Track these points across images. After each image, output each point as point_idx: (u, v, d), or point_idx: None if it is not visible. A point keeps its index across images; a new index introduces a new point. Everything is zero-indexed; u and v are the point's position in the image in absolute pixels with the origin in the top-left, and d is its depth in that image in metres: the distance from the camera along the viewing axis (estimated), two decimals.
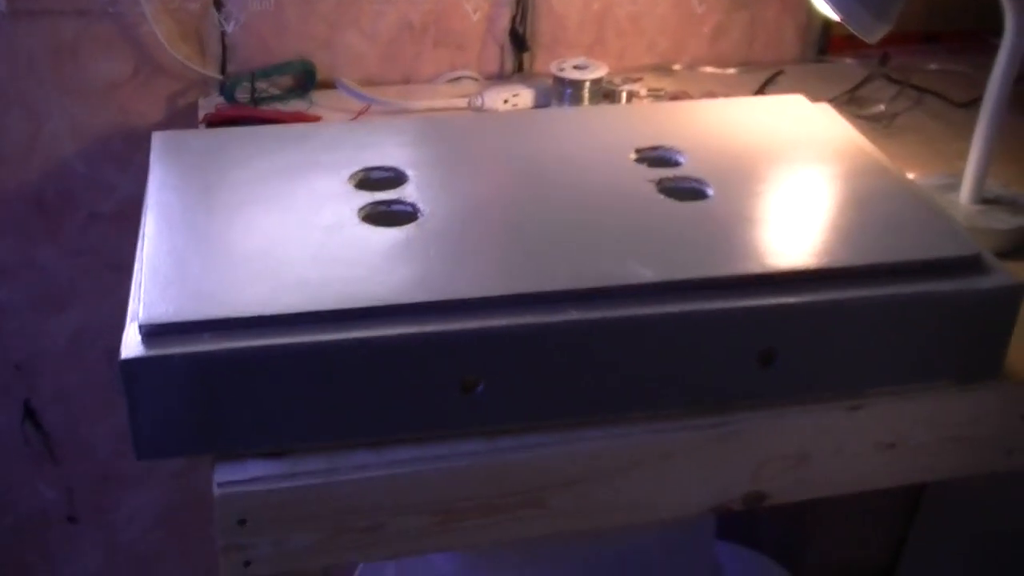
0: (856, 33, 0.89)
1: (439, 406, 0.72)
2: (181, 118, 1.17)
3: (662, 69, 1.28)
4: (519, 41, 1.23)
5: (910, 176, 0.98)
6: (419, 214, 0.80)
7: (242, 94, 1.15)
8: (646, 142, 0.90)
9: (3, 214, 1.19)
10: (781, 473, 0.78)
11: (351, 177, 0.84)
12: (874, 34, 0.89)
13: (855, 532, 1.66)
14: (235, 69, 1.17)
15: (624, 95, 1.16)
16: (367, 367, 0.69)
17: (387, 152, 0.88)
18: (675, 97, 1.16)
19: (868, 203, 0.82)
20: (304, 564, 0.74)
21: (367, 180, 0.85)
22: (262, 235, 0.77)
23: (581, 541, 1.07)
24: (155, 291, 0.70)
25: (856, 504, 1.57)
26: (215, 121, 1.09)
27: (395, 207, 0.81)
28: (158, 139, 0.90)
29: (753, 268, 0.74)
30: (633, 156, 0.88)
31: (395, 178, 0.85)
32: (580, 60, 1.16)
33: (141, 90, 1.16)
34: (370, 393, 0.70)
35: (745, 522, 1.54)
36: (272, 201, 0.81)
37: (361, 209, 0.80)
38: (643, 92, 1.17)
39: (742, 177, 0.85)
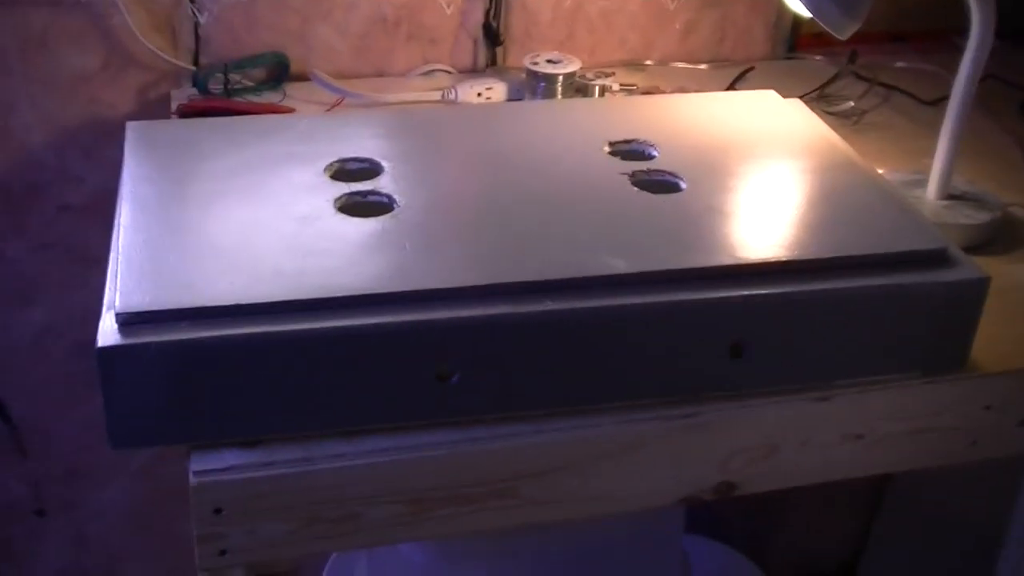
0: (827, 29, 0.90)
1: (414, 396, 0.72)
2: (153, 110, 1.16)
3: (633, 65, 1.29)
4: (492, 35, 1.24)
5: (879, 172, 0.99)
6: (394, 205, 0.80)
7: (215, 86, 1.15)
8: (619, 135, 0.91)
9: None
10: (750, 464, 0.79)
11: (326, 168, 0.84)
12: (845, 30, 0.90)
13: (820, 524, 1.68)
14: (208, 61, 1.17)
15: (597, 89, 1.17)
16: (342, 357, 0.70)
17: (362, 144, 0.89)
18: (648, 92, 1.17)
19: (838, 197, 0.84)
20: (279, 553, 0.74)
21: (342, 171, 0.85)
22: (238, 226, 0.77)
23: (549, 534, 1.08)
24: (131, 280, 0.70)
25: (821, 496, 1.59)
26: (188, 112, 1.08)
27: (371, 198, 0.81)
28: (132, 129, 0.90)
29: (724, 260, 0.75)
30: (607, 149, 0.89)
31: (370, 169, 0.85)
32: (553, 55, 1.16)
33: (112, 81, 1.15)
34: (345, 383, 0.71)
35: (712, 515, 1.55)
36: (247, 192, 0.81)
37: (337, 200, 0.80)
38: (615, 87, 1.18)
39: (714, 171, 0.86)
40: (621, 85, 1.20)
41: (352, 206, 0.80)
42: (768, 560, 1.58)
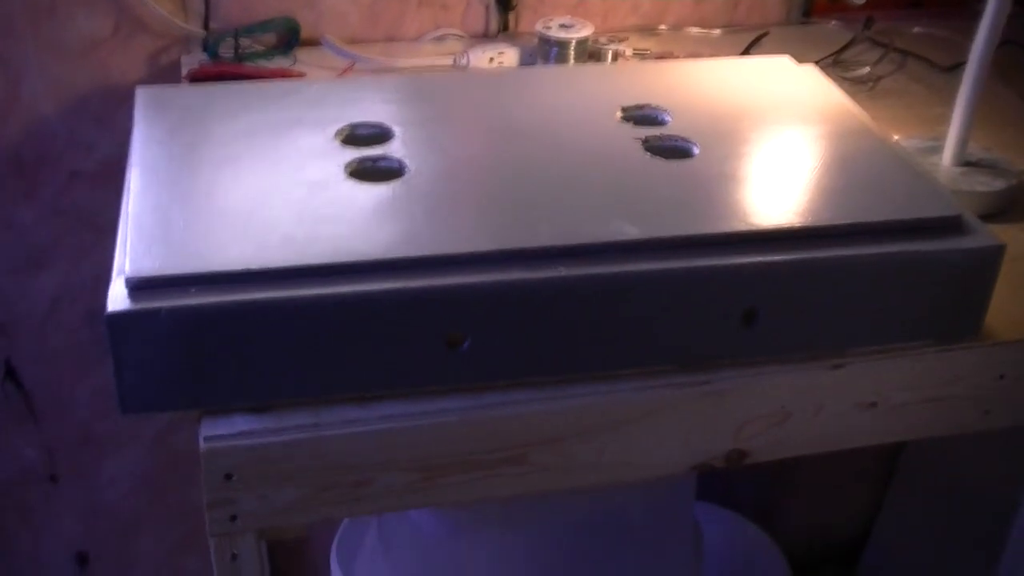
0: None
1: (425, 362, 0.72)
2: (163, 76, 1.16)
3: (646, 30, 1.28)
4: (504, 0, 1.23)
5: (894, 138, 0.98)
6: (405, 170, 0.80)
7: (225, 51, 1.14)
8: (632, 101, 0.90)
9: None
10: (763, 432, 0.79)
11: (337, 133, 0.84)
12: None
13: (831, 494, 1.68)
14: (218, 26, 1.16)
15: (610, 55, 1.16)
16: (353, 323, 0.70)
17: (373, 109, 0.88)
18: (661, 57, 1.16)
19: (851, 164, 0.83)
20: (290, 519, 0.74)
21: (353, 136, 0.85)
22: (248, 191, 0.77)
23: (559, 502, 1.08)
24: (141, 246, 0.70)
25: (833, 466, 1.59)
26: (199, 77, 1.08)
27: (381, 163, 0.81)
28: (142, 95, 0.90)
29: (736, 226, 0.74)
30: (619, 115, 0.88)
31: (381, 134, 0.85)
32: (566, 20, 1.15)
33: (122, 47, 1.15)
34: (356, 348, 0.71)
35: (724, 483, 1.55)
36: (258, 157, 0.81)
37: (347, 165, 0.80)
38: (629, 52, 1.17)
39: (727, 137, 0.86)
40: (634, 50, 1.19)
41: (363, 171, 0.80)
42: (779, 529, 1.58)
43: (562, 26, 1.15)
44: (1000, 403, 0.83)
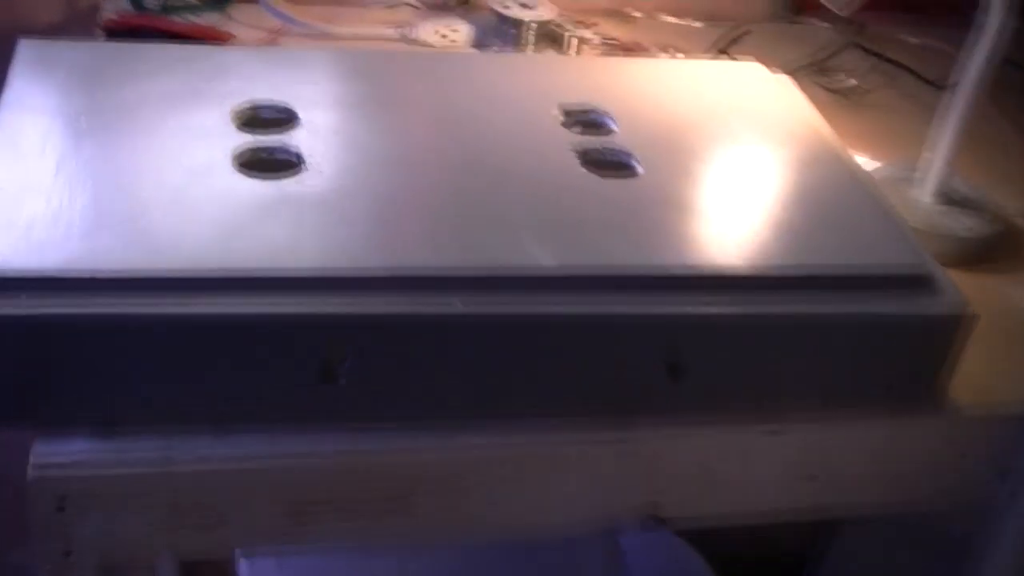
0: (829, 6, 0.79)
1: (295, 393, 0.62)
2: (80, 23, 1.05)
3: (619, 15, 1.17)
4: None
5: (870, 163, 0.88)
6: (302, 165, 0.69)
7: (152, 1, 1.04)
8: (578, 101, 0.80)
9: None
10: (685, 496, 0.69)
11: (236, 113, 0.74)
12: (848, 6, 0.79)
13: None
14: None
15: (572, 42, 1.05)
16: (211, 344, 0.60)
17: (284, 87, 0.78)
18: (627, 50, 1.06)
19: (813, 197, 0.73)
20: (134, 555, 0.65)
21: (254, 118, 0.74)
22: (117, 173, 0.67)
23: None
24: None
25: None
26: (112, 29, 0.97)
27: (277, 154, 0.71)
28: (25, 48, 0.79)
29: (669, 266, 0.64)
30: (560, 116, 0.78)
31: (285, 118, 0.74)
32: None
33: None
34: (214, 372, 0.61)
35: None
36: (139, 134, 0.71)
37: (237, 153, 0.69)
38: (595, 40, 1.07)
39: (678, 153, 0.75)
40: (602, 39, 1.08)
41: (254, 162, 0.70)
42: (718, 549, 1.49)
43: (523, 5, 1.04)
44: (959, 483, 0.73)
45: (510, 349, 0.62)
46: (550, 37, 1.05)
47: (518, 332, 0.62)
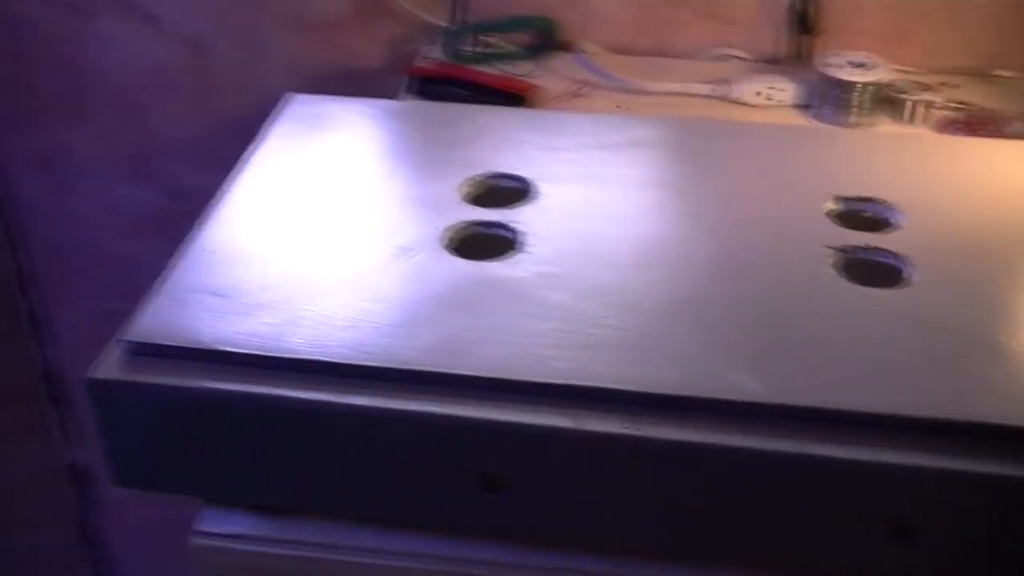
0: None
1: (455, 499, 0.57)
2: (401, 65, 1.06)
3: (982, 74, 1.01)
4: (803, 21, 1.01)
5: None
6: (519, 246, 0.64)
7: (468, 47, 1.02)
8: (856, 187, 0.68)
9: (212, 144, 1.14)
10: None
11: (468, 184, 0.69)
12: None
13: None
14: (468, 18, 1.04)
15: (910, 107, 0.92)
16: (377, 438, 0.56)
17: (530, 154, 0.73)
18: (970, 123, 0.90)
19: None
20: None
21: (492, 189, 0.70)
22: (320, 244, 0.65)
23: None
24: (163, 300, 0.59)
25: None
26: (417, 76, 0.96)
27: (495, 230, 0.66)
28: (292, 104, 0.80)
29: (905, 406, 0.52)
30: (830, 206, 0.67)
31: (520, 190, 0.69)
32: (860, 56, 0.93)
33: (361, 30, 1.06)
34: (376, 468, 0.57)
35: None
36: (359, 203, 0.69)
37: (450, 232, 0.65)
38: (937, 103, 0.92)
39: (969, 262, 0.62)
40: (952, 104, 0.93)
41: (468, 238, 0.65)
42: None
43: (853, 64, 0.92)
44: None
45: (689, 483, 0.53)
46: (887, 100, 0.93)
47: (695, 463, 0.53)
